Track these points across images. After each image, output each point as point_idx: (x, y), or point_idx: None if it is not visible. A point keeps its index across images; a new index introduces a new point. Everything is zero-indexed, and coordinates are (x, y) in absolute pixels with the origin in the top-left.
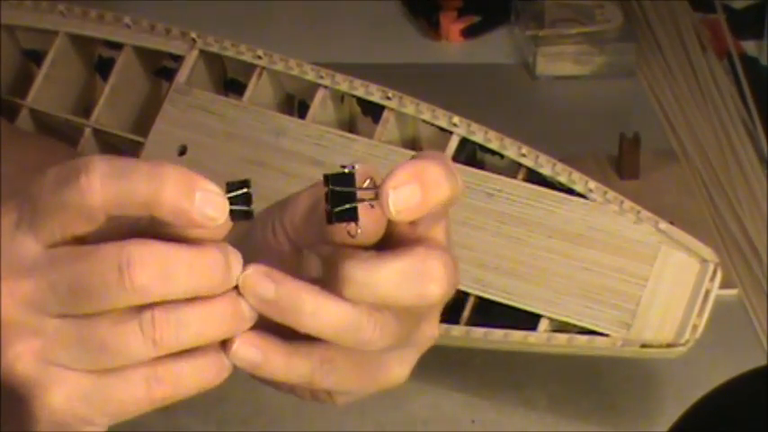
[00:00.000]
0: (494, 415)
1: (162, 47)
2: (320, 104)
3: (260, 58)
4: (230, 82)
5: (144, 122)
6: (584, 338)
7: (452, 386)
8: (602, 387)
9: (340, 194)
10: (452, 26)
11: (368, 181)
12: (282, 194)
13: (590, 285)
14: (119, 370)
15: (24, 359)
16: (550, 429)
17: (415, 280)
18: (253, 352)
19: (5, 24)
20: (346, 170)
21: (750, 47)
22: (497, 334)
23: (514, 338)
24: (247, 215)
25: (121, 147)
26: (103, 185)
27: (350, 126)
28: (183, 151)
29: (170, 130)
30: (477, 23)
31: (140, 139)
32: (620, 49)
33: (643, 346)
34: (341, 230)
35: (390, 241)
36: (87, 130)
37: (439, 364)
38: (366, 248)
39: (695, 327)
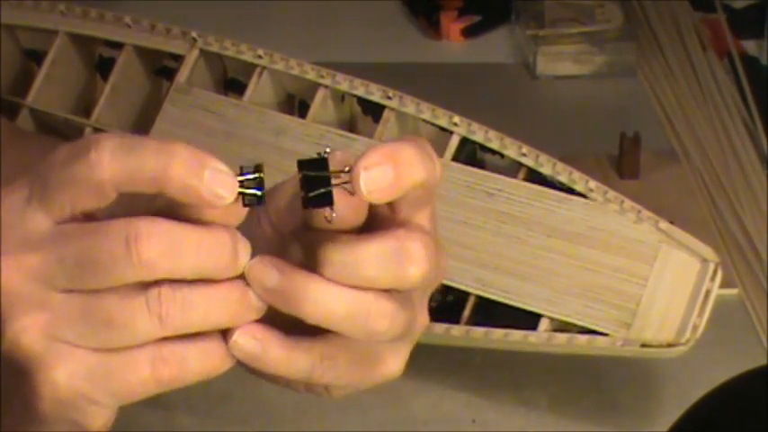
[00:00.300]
0: (494, 415)
1: (162, 46)
2: (320, 104)
3: (260, 57)
4: (231, 81)
5: (144, 122)
6: (584, 338)
7: (453, 386)
8: (603, 387)
9: (314, 179)
10: (453, 25)
11: (347, 169)
12: None
13: (590, 285)
14: (124, 349)
15: (30, 333)
16: (551, 429)
17: (394, 261)
18: (252, 343)
19: (6, 24)
20: (320, 155)
21: (750, 46)
22: (498, 333)
23: (515, 338)
24: (259, 200)
25: None
26: (113, 159)
27: (350, 125)
28: None
29: (170, 130)
30: (478, 23)
31: None
32: (620, 49)
33: (643, 345)
34: (319, 216)
35: (373, 227)
36: (88, 130)
37: (439, 364)
38: (347, 233)
39: (695, 326)
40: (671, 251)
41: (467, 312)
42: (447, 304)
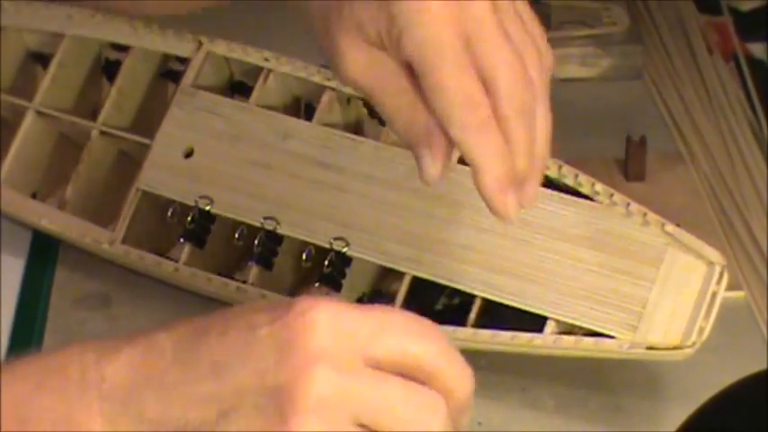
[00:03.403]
0: (500, 417)
1: (169, 49)
2: (327, 107)
3: (267, 60)
4: (237, 84)
5: (150, 124)
6: (590, 340)
7: None
8: (609, 389)
9: None
10: None
11: None
12: (289, 197)
13: (596, 288)
14: None
15: None
16: (557, 431)
17: None
18: None
19: (12, 26)
20: None
21: (757, 49)
22: (504, 336)
23: (521, 340)
24: None
25: (127, 149)
26: None
27: (356, 128)
28: (189, 153)
29: (176, 133)
30: None
31: (147, 141)
32: (626, 52)
33: (649, 348)
34: None
35: None
36: (94, 132)
37: None
38: None
39: (702, 329)
40: (677, 254)
41: (473, 315)
42: (453, 307)
